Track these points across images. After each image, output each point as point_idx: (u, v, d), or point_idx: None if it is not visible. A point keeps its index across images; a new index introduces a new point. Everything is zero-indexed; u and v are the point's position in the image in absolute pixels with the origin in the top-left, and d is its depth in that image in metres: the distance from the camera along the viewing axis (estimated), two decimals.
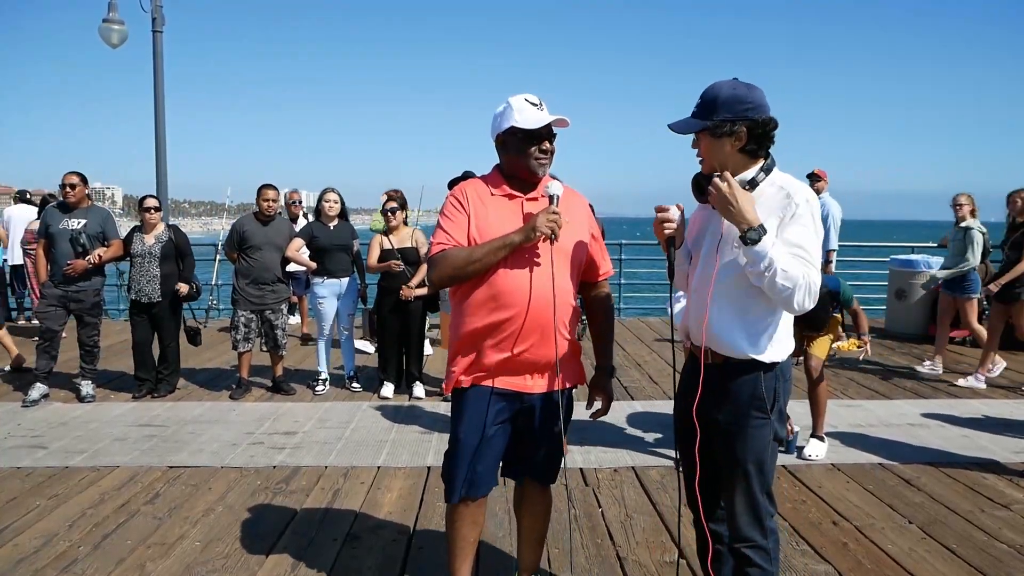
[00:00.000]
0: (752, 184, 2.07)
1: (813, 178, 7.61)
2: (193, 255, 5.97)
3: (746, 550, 2.17)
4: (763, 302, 2.08)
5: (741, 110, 2.03)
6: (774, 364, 2.13)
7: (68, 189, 5.49)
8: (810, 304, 2.00)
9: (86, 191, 5.66)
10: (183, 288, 5.73)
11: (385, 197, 6.04)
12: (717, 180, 2.02)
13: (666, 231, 2.18)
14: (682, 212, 2.20)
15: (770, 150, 2.12)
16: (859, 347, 4.44)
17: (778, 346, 2.14)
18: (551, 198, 2.29)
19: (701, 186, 2.12)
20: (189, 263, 5.86)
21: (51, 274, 5.48)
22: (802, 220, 2.01)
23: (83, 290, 5.51)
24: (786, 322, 2.17)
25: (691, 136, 2.16)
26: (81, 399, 5.58)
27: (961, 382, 6.26)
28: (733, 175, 2.06)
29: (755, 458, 2.13)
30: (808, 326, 4.27)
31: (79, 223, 5.47)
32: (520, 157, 2.32)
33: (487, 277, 2.29)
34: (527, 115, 2.28)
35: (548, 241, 2.26)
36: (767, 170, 2.09)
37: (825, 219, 7.40)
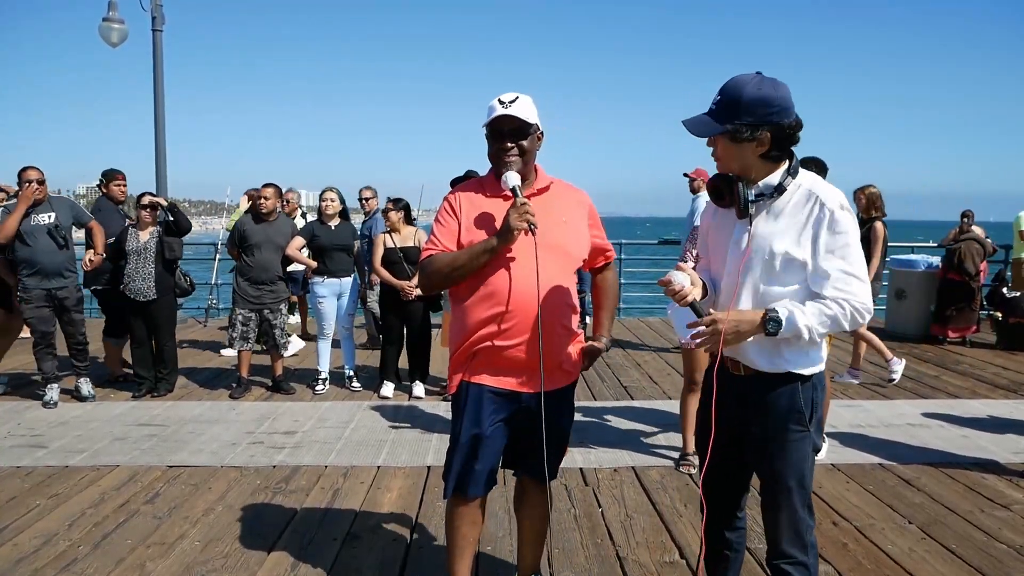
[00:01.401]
0: (779, 189, 1.94)
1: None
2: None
3: (786, 566, 2.07)
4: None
5: (765, 114, 1.87)
6: (812, 375, 2.02)
7: (36, 186, 5.24)
8: (866, 318, 1.92)
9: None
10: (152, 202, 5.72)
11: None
12: (704, 328, 1.92)
13: (682, 303, 1.97)
14: (687, 269, 2.02)
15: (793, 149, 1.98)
16: None
17: (814, 356, 2.02)
18: (512, 190, 2.27)
19: (720, 190, 2.00)
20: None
21: (32, 272, 5.25)
22: (838, 228, 1.88)
23: (65, 286, 5.37)
24: None
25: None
26: (83, 399, 5.55)
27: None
28: (756, 180, 1.96)
29: (796, 472, 2.03)
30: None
31: (49, 216, 5.32)
32: (490, 156, 2.35)
33: (482, 277, 2.29)
34: (490, 114, 2.30)
35: (530, 234, 2.22)
36: (793, 172, 1.95)
37: (692, 215, 6.84)
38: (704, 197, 6.55)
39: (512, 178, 2.26)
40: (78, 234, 5.80)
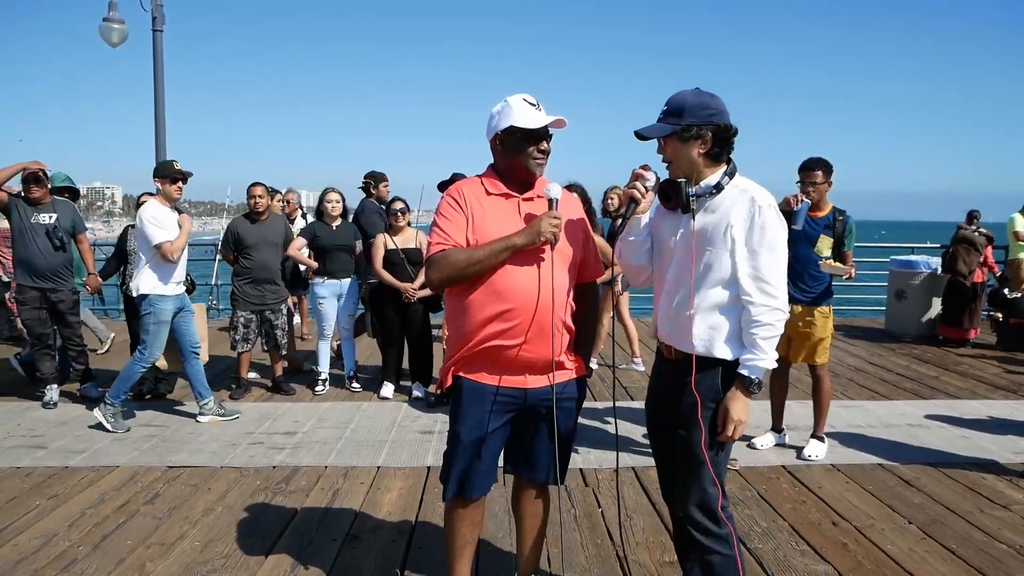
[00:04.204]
0: (718, 188, 2.20)
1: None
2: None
3: (700, 537, 2.25)
4: (728, 305, 2.20)
5: (706, 115, 2.16)
6: (735, 361, 2.21)
7: (34, 186, 5.22)
8: (784, 314, 2.18)
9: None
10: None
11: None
12: (731, 437, 2.18)
13: (633, 193, 2.26)
14: (657, 180, 2.29)
15: (731, 156, 2.26)
16: (842, 268, 4.24)
17: (737, 344, 2.23)
18: (551, 201, 2.30)
19: (667, 192, 2.23)
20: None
21: (32, 273, 5.24)
22: (765, 224, 2.15)
23: (60, 289, 5.34)
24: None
25: (655, 143, 2.27)
26: (94, 400, 5.51)
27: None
28: (699, 180, 2.22)
29: (707, 447, 2.22)
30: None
31: (51, 217, 5.31)
32: (519, 157, 2.33)
33: (486, 276, 2.29)
34: (527, 115, 2.28)
35: (549, 245, 2.28)
36: (730, 174, 2.22)
37: None
38: None
39: (555, 190, 2.31)
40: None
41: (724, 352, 2.20)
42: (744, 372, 2.16)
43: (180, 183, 4.89)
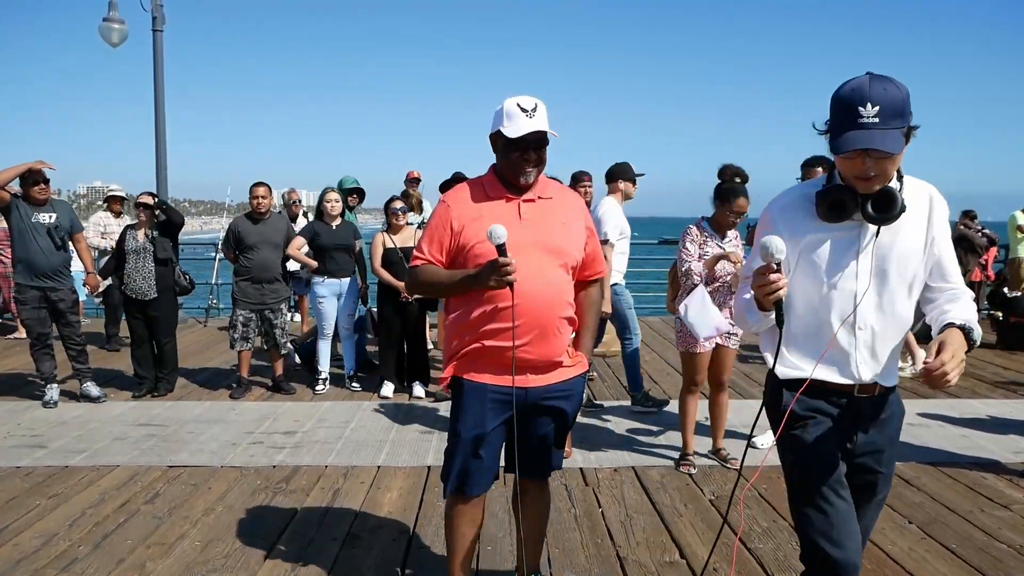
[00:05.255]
0: (899, 191, 1.83)
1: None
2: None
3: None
4: (905, 327, 1.96)
5: (910, 111, 1.75)
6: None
7: (43, 186, 5.28)
8: None
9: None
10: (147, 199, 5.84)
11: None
12: (947, 370, 1.64)
13: (772, 296, 1.77)
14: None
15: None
16: None
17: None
18: (498, 248, 2.15)
19: (844, 204, 1.81)
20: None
21: (27, 270, 5.24)
22: (945, 215, 1.92)
23: (61, 288, 5.35)
24: None
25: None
26: (94, 400, 5.53)
27: None
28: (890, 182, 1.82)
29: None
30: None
31: (51, 216, 5.32)
32: (505, 162, 2.33)
33: None
34: (514, 122, 2.25)
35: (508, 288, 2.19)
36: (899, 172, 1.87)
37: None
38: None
39: (499, 235, 2.13)
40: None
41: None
42: (967, 324, 1.76)
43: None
